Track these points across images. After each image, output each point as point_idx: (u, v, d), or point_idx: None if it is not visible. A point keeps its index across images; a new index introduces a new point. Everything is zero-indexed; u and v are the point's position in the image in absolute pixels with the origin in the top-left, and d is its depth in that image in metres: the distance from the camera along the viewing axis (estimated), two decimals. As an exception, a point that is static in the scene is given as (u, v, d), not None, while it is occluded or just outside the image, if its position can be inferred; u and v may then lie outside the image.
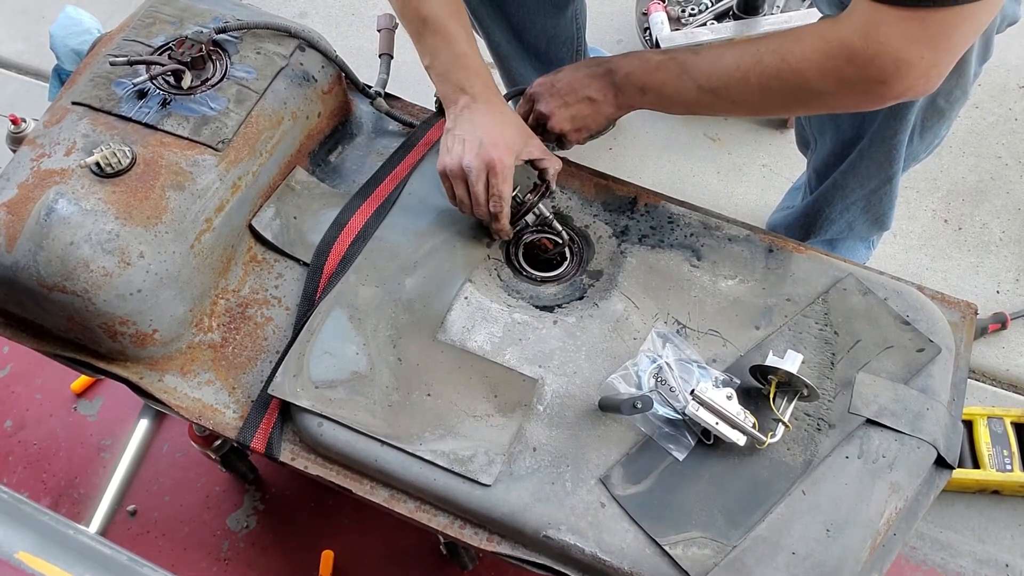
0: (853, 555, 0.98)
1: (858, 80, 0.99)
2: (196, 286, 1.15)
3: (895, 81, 0.96)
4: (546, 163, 1.17)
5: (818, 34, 1.01)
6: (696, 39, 1.91)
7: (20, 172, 1.13)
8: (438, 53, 1.15)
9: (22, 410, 1.75)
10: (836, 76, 0.99)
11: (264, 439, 1.09)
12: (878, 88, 0.98)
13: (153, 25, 1.26)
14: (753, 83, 1.06)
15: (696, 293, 1.17)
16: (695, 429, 1.05)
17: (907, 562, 1.51)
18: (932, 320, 1.13)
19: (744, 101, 1.10)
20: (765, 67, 1.04)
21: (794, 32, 1.04)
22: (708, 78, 1.10)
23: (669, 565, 0.98)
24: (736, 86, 1.08)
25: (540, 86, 1.23)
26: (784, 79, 1.03)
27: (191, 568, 1.57)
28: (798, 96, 1.06)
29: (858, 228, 1.56)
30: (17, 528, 0.71)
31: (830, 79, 1.00)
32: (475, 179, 1.11)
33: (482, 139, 1.11)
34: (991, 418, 1.55)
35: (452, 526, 1.05)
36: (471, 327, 1.14)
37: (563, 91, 1.20)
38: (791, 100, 1.08)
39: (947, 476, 1.08)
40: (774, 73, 1.04)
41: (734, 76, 1.07)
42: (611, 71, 1.18)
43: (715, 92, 1.10)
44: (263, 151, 1.21)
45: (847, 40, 0.96)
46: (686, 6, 1.99)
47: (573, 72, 1.21)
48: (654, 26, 1.95)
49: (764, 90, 1.06)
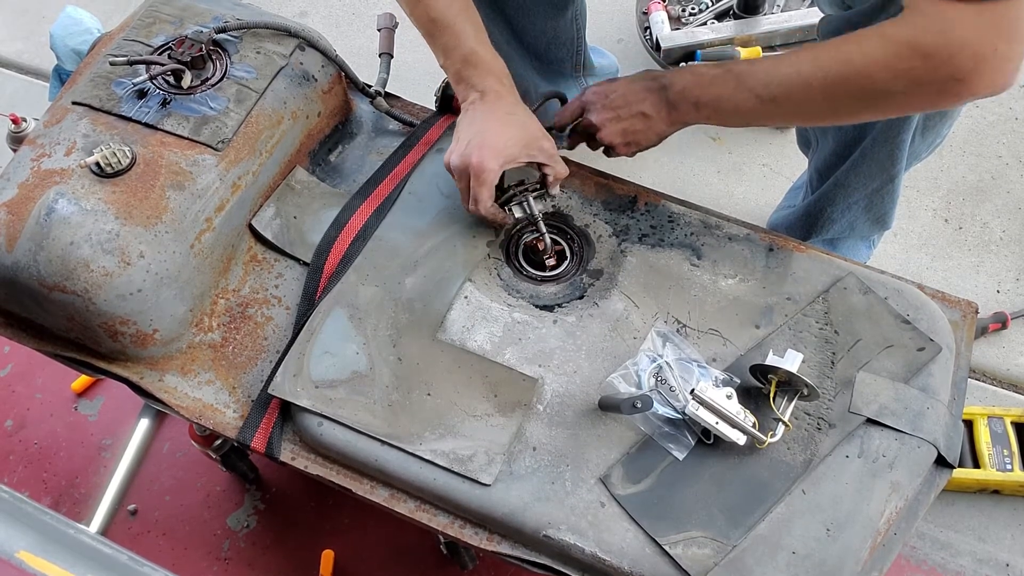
0: (853, 554, 0.98)
1: (933, 80, 0.97)
2: (196, 286, 1.15)
3: (974, 78, 0.94)
4: (548, 168, 1.17)
5: (883, 36, 0.98)
6: (696, 39, 1.91)
7: (20, 172, 1.13)
8: (449, 52, 1.15)
9: (23, 410, 1.75)
10: (909, 77, 0.97)
11: (264, 439, 1.09)
12: (955, 87, 0.96)
13: (153, 25, 1.26)
14: (816, 89, 1.03)
15: (696, 292, 1.17)
16: (695, 428, 1.05)
17: (907, 561, 1.51)
18: (933, 319, 1.13)
19: (807, 109, 1.09)
20: (828, 72, 1.02)
21: (853, 37, 1.01)
22: (766, 88, 1.07)
23: (669, 565, 0.98)
24: (799, 94, 1.05)
25: (594, 95, 1.21)
26: (851, 83, 1.01)
27: (192, 567, 1.57)
28: (866, 99, 1.03)
29: (860, 227, 1.56)
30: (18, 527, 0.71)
31: (902, 80, 0.98)
32: (456, 178, 1.15)
33: (471, 140, 1.11)
34: (991, 417, 1.55)
35: (452, 526, 1.05)
36: (471, 326, 1.14)
37: (617, 104, 1.18)
38: (859, 104, 1.05)
39: (947, 475, 1.08)
40: (838, 79, 1.01)
41: (795, 83, 1.05)
42: (665, 87, 1.15)
43: (775, 101, 1.08)
44: (263, 151, 1.21)
45: (918, 40, 0.94)
46: (686, 5, 2.00)
47: (628, 85, 1.19)
48: (654, 25, 1.95)
49: (829, 96, 1.03)
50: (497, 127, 1.12)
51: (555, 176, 1.18)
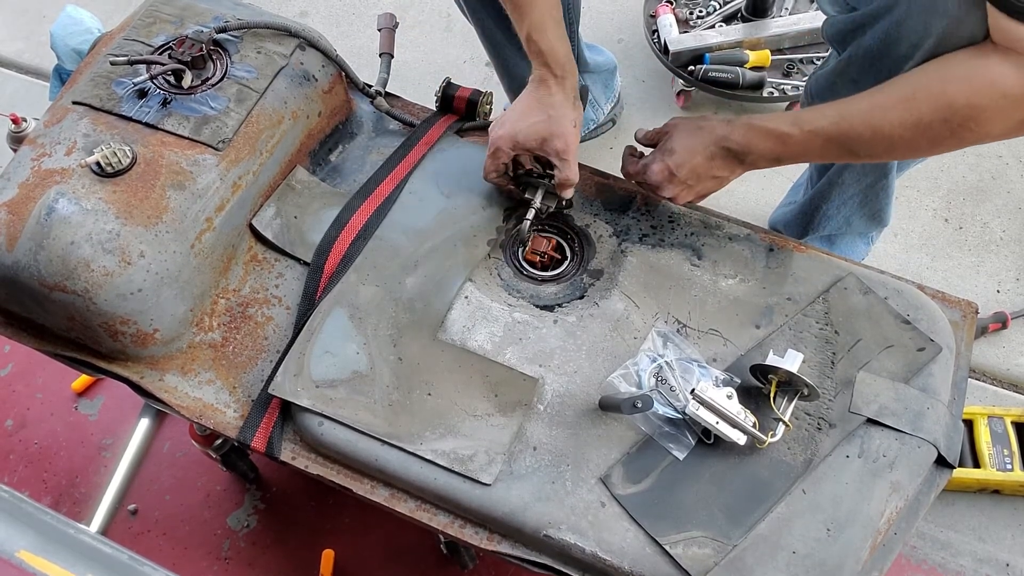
0: (854, 554, 0.98)
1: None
2: (197, 285, 1.15)
3: None
4: (555, 169, 1.17)
5: (992, 84, 0.96)
6: (705, 42, 1.90)
7: (21, 172, 1.13)
8: (519, 30, 1.19)
9: (23, 409, 1.75)
10: (1018, 120, 0.98)
11: (265, 438, 1.09)
12: None
13: (153, 25, 1.26)
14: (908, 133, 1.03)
15: (696, 292, 1.17)
16: (695, 428, 1.05)
17: (907, 561, 1.51)
18: (933, 319, 1.13)
19: (891, 150, 1.09)
20: (922, 117, 1.01)
21: (946, 76, 1.00)
22: (847, 139, 1.07)
23: (669, 564, 0.98)
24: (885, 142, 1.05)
25: (659, 175, 1.17)
26: (948, 125, 1.00)
27: (192, 567, 1.57)
28: (958, 140, 1.03)
29: (856, 224, 1.56)
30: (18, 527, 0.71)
31: (1012, 127, 0.99)
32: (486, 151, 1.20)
33: (506, 116, 1.18)
34: (991, 417, 1.55)
35: (452, 525, 1.05)
36: (471, 326, 1.14)
37: (687, 178, 1.16)
38: (947, 147, 1.06)
39: (947, 475, 1.08)
40: (936, 122, 1.00)
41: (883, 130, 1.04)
42: (737, 153, 1.13)
43: (855, 153, 1.10)
44: (263, 150, 1.21)
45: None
46: (694, 8, 1.98)
47: (690, 156, 1.15)
48: (662, 28, 1.94)
49: (920, 135, 1.03)
50: (526, 113, 1.16)
51: (560, 179, 1.17)
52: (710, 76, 1.88)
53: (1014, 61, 0.95)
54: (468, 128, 1.35)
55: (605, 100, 1.94)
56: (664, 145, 1.18)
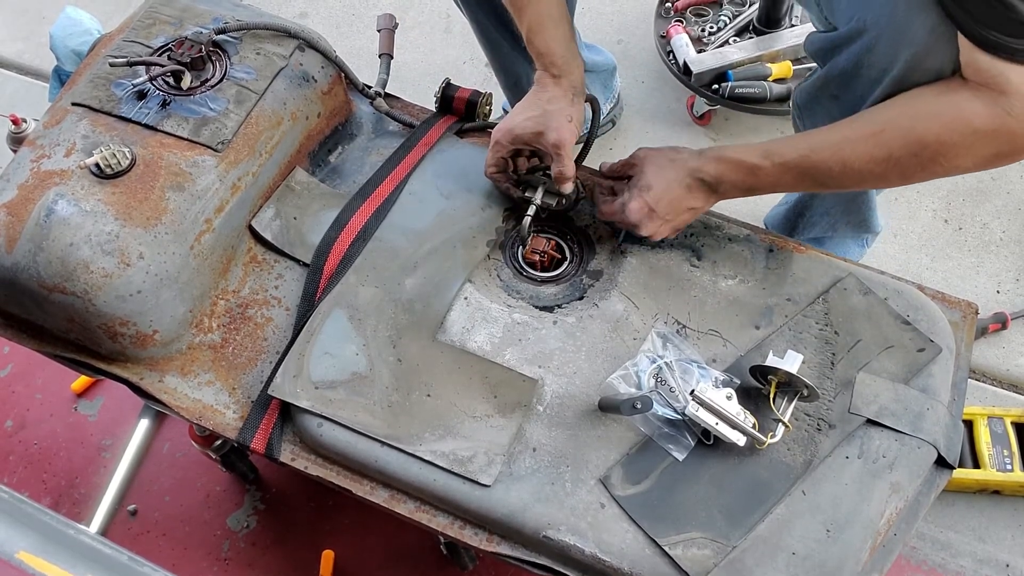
0: (853, 555, 0.98)
1: (1013, 150, 0.98)
2: (196, 287, 1.15)
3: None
4: (552, 164, 1.17)
5: (964, 121, 0.97)
6: (727, 60, 1.86)
7: (20, 173, 1.13)
8: (520, 29, 1.20)
9: (23, 410, 1.75)
10: (988, 156, 0.99)
11: (264, 439, 1.09)
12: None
13: (153, 26, 1.26)
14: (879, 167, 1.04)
15: (696, 293, 1.17)
16: (695, 429, 1.05)
17: (907, 562, 1.51)
18: (933, 320, 1.13)
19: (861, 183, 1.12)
20: (892, 151, 1.02)
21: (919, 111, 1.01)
22: (817, 173, 1.08)
23: (669, 565, 0.98)
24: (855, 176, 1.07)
25: (638, 213, 1.14)
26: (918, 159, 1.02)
27: (191, 568, 1.57)
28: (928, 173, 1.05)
29: (842, 229, 1.56)
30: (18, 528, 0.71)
31: (980, 160, 1.00)
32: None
33: (505, 118, 1.19)
34: (991, 418, 1.55)
35: (452, 526, 1.05)
36: (471, 327, 1.14)
37: (665, 213, 1.15)
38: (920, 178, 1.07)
39: (947, 476, 1.08)
40: (906, 156, 1.02)
41: (854, 164, 1.05)
42: (710, 184, 1.13)
43: (826, 185, 1.13)
44: (263, 152, 1.21)
45: (1000, 122, 0.94)
46: (704, 24, 1.96)
47: (667, 190, 1.14)
48: (678, 49, 1.91)
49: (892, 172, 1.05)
50: (524, 109, 1.17)
51: (555, 173, 1.17)
52: (737, 93, 1.85)
53: (985, 97, 0.96)
54: (468, 129, 1.35)
55: (604, 101, 1.94)
56: (638, 181, 1.15)
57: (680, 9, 1.99)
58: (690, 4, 1.98)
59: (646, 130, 2.03)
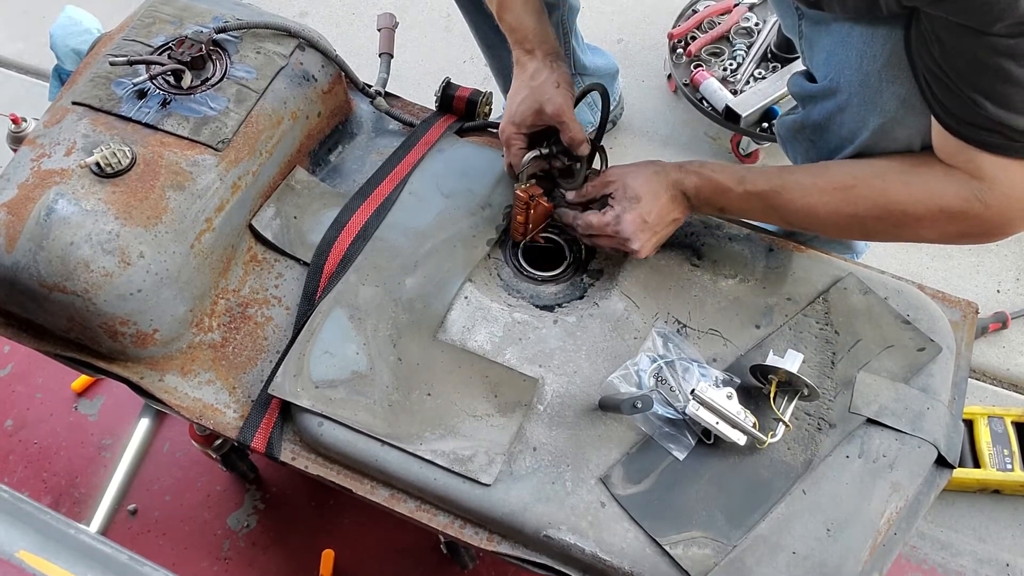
0: (854, 555, 0.98)
1: (979, 232, 1.00)
2: (196, 286, 1.15)
3: (1018, 226, 0.99)
4: (562, 132, 1.17)
5: (931, 195, 0.99)
6: (769, 96, 1.81)
7: (20, 172, 1.13)
8: (492, 10, 1.21)
9: (23, 409, 1.75)
10: (953, 232, 1.01)
11: (264, 439, 1.09)
12: (998, 234, 1.00)
13: (153, 25, 1.26)
14: (843, 222, 1.07)
15: (696, 292, 1.17)
16: (695, 429, 1.05)
17: (908, 561, 1.51)
18: (933, 319, 1.13)
19: (823, 230, 1.13)
20: (859, 209, 1.04)
21: (882, 175, 1.03)
22: (783, 211, 1.09)
23: (669, 565, 0.98)
24: (820, 225, 1.09)
25: (633, 224, 1.12)
26: (884, 226, 1.04)
27: (192, 567, 1.57)
28: (891, 236, 1.08)
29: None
30: (18, 527, 0.71)
31: (947, 235, 1.02)
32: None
33: (504, 114, 1.20)
34: (992, 417, 1.55)
35: (452, 526, 1.05)
36: (471, 327, 1.14)
37: (655, 224, 1.14)
38: (879, 237, 1.11)
39: (948, 475, 1.08)
40: (871, 217, 1.04)
41: (820, 216, 1.07)
42: (689, 198, 1.14)
43: (791, 224, 1.13)
44: (263, 151, 1.21)
45: (969, 205, 0.96)
46: (723, 63, 1.91)
47: (655, 201, 1.13)
48: (712, 96, 1.85)
49: (854, 226, 1.07)
50: (513, 96, 1.18)
51: (566, 140, 1.16)
52: None
53: (956, 178, 0.97)
54: (468, 128, 1.35)
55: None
56: (623, 195, 1.14)
57: (693, 53, 1.93)
58: (701, 46, 1.93)
59: (645, 128, 2.03)
